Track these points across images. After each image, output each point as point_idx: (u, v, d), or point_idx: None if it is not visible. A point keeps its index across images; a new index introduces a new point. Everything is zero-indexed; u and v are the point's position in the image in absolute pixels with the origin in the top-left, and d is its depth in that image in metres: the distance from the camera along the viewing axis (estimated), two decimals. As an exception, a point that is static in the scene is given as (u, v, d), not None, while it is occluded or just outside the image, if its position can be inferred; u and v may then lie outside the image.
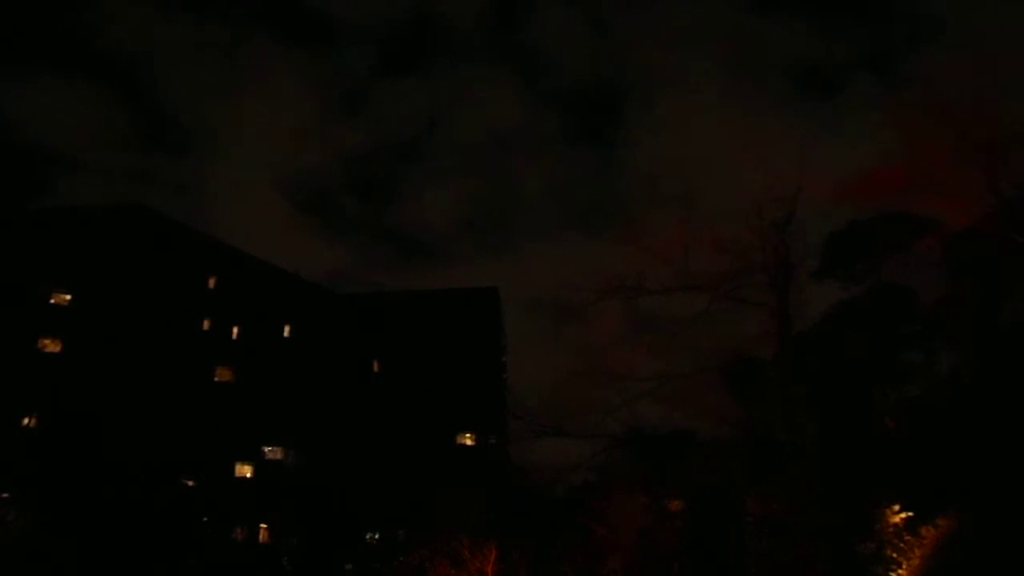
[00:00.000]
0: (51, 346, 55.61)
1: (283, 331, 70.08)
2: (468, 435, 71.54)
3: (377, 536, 65.26)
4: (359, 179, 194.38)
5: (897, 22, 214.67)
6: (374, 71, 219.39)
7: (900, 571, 19.15)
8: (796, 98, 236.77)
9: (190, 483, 56.67)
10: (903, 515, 19.52)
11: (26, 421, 52.59)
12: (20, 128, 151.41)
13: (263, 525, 62.03)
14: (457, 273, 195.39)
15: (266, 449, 64.68)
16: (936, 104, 20.02)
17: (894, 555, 19.34)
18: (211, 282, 65.51)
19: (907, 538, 19.25)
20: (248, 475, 63.07)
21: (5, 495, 46.36)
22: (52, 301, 57.17)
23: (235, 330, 65.75)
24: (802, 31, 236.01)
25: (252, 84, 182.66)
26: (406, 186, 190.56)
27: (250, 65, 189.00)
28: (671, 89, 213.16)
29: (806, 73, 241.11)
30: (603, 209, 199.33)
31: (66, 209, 62.28)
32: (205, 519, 55.67)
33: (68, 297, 57.57)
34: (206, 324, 63.80)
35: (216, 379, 62.99)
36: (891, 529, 19.64)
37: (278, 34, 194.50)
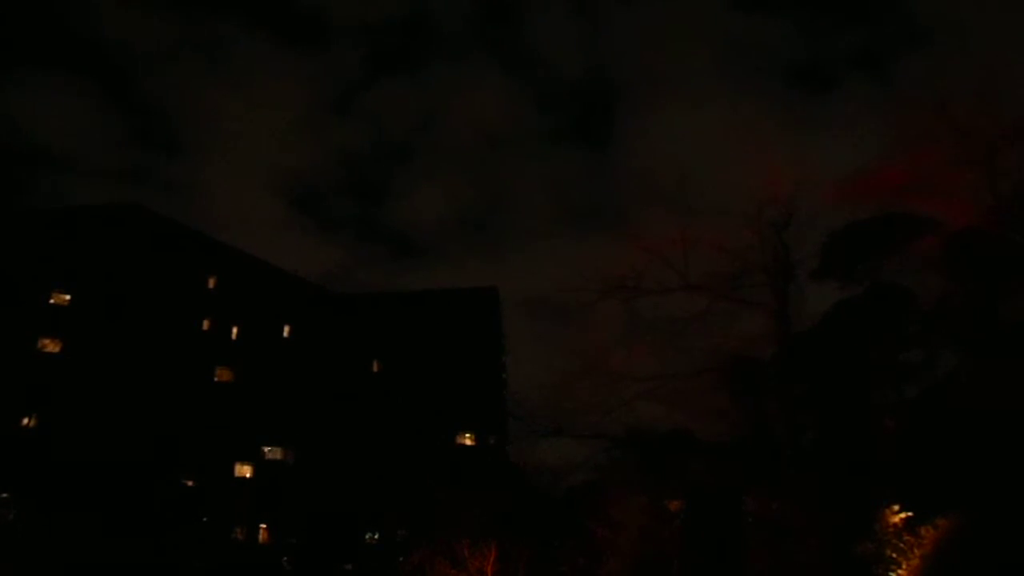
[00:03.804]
0: (51, 346, 55.59)
1: (283, 331, 70.06)
2: (468, 435, 71.50)
3: (377, 536, 65.26)
4: (352, 178, 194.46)
5: (891, 21, 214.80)
6: (367, 70, 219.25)
7: (900, 571, 19.13)
8: (792, 97, 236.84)
9: (190, 483, 56.66)
10: (903, 515, 19.50)
11: (26, 421, 52.57)
12: (11, 127, 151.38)
13: (263, 525, 62.00)
14: (452, 272, 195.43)
15: (266, 449, 64.66)
16: (935, 104, 19.99)
17: (894, 555, 19.33)
18: (211, 282, 65.49)
19: (907, 538, 19.23)
20: (248, 475, 63.03)
21: (5, 495, 46.38)
22: (52, 301, 57.15)
23: (235, 330, 65.73)
24: (796, 30, 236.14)
25: (245, 83, 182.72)
26: (400, 185, 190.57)
27: (243, 64, 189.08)
28: (666, 88, 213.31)
29: (801, 72, 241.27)
30: (598, 209, 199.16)
31: (65, 209, 62.29)
32: (205, 519, 55.67)
33: (67, 297, 57.54)
34: (206, 324, 63.79)
35: (216, 379, 62.97)
36: (891, 529, 19.62)
37: (271, 33, 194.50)
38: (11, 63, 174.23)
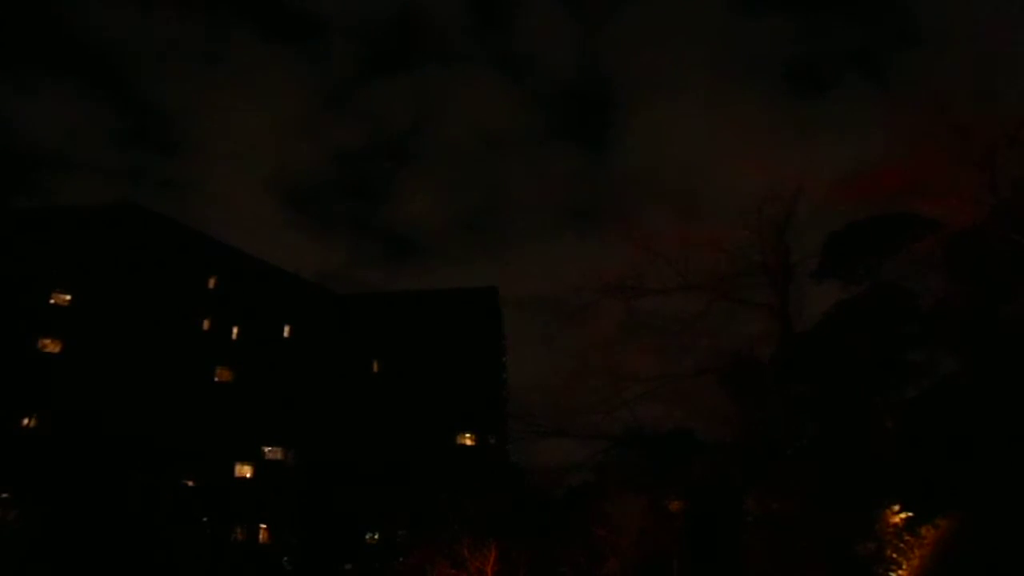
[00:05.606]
0: (51, 346, 55.60)
1: (283, 331, 70.09)
2: (468, 435, 71.54)
3: (377, 536, 65.29)
4: (349, 178, 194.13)
5: (890, 21, 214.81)
6: (362, 69, 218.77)
7: (900, 571, 19.15)
8: (791, 97, 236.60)
9: (190, 483, 56.66)
10: (903, 515, 19.52)
11: (26, 421, 52.58)
12: (10, 127, 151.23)
13: (263, 525, 62.03)
14: (449, 272, 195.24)
15: (266, 449, 64.70)
16: (935, 104, 19.99)
17: (894, 555, 19.34)
18: (211, 282, 65.51)
19: (907, 538, 19.24)
20: (248, 475, 63.06)
21: (5, 495, 46.36)
22: (52, 301, 57.16)
23: (235, 330, 65.74)
24: (791, 30, 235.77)
25: (241, 82, 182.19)
26: (396, 185, 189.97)
27: (239, 63, 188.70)
28: (661, 88, 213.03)
29: (800, 72, 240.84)
30: (598, 209, 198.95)
31: (64, 209, 62.26)
32: (205, 519, 55.67)
33: (68, 297, 57.55)
34: (206, 324, 63.81)
35: (216, 379, 62.99)
36: (891, 529, 19.63)
37: (266, 32, 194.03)
38: (10, 63, 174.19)
